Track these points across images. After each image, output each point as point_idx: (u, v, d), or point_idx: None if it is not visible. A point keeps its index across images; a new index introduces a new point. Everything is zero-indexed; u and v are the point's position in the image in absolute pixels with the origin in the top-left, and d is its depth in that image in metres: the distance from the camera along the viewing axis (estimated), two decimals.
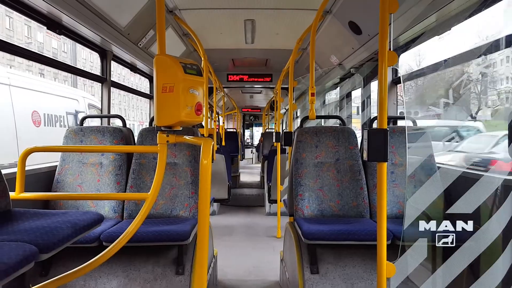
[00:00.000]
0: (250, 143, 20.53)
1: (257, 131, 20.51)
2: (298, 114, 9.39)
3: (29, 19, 2.60)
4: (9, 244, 1.18)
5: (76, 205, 2.80)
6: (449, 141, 3.15)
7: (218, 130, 8.27)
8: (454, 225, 1.68)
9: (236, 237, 5.11)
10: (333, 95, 6.66)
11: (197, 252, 1.43)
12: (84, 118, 3.20)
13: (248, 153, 17.88)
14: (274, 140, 6.41)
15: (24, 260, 1.11)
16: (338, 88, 5.79)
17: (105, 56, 3.56)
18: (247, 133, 20.96)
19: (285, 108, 11.43)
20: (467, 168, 2.21)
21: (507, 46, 1.96)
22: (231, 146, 9.83)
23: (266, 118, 14.03)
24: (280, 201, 5.05)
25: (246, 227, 5.63)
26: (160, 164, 1.67)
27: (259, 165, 11.84)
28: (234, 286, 3.47)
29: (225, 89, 8.06)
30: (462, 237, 1.71)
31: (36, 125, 5.13)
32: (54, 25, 2.72)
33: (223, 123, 8.87)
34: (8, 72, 5.14)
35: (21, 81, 5.05)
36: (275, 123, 7.96)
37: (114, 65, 3.76)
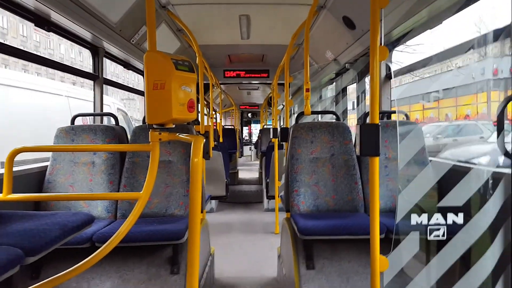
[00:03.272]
0: (248, 140, 20.51)
1: (255, 129, 20.47)
2: (296, 110, 9.39)
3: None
4: None
5: (68, 206, 2.77)
6: None
7: (216, 127, 8.25)
8: (445, 218, 1.68)
9: (234, 234, 5.11)
10: (329, 90, 6.65)
11: (189, 250, 1.42)
12: (75, 117, 3.16)
13: (246, 150, 17.87)
14: (271, 136, 6.40)
15: (9, 264, 1.09)
16: (334, 83, 5.79)
17: (97, 53, 3.52)
18: (245, 130, 20.93)
19: (282, 104, 11.41)
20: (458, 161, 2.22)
21: None
22: (229, 143, 9.82)
23: (264, 114, 14.01)
24: (278, 197, 5.05)
25: (244, 223, 5.63)
26: (153, 163, 1.66)
27: (258, 162, 11.84)
28: (232, 283, 3.47)
29: (222, 86, 8.03)
30: (453, 229, 1.72)
31: None
32: (43, 22, 2.66)
33: (221, 120, 8.85)
34: (67, 87, 6.73)
35: (74, 92, 6.54)
36: (273, 120, 7.96)
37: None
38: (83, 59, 39.26)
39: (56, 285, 1.49)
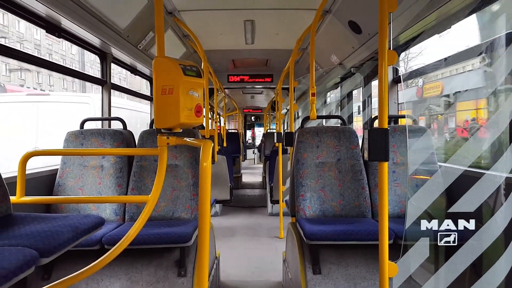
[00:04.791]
0: (252, 144, 20.52)
1: (259, 132, 20.49)
2: (300, 114, 9.39)
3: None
4: (9, 249, 1.18)
5: (78, 208, 2.80)
6: None
7: (220, 131, 8.27)
8: (456, 224, 1.67)
9: (238, 238, 5.11)
10: (334, 95, 6.64)
11: (198, 254, 1.43)
12: (84, 121, 3.20)
13: (250, 153, 17.88)
14: (275, 141, 6.39)
15: (25, 265, 1.11)
16: (339, 87, 5.78)
17: (105, 58, 3.56)
18: (249, 133, 20.96)
19: (286, 108, 11.42)
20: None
21: None
22: (232, 147, 9.83)
23: (267, 118, 14.01)
24: (282, 201, 5.04)
25: (249, 228, 5.63)
26: (161, 167, 1.67)
27: (261, 165, 11.85)
28: (237, 287, 3.47)
29: (226, 90, 8.06)
30: (464, 235, 1.71)
31: None
32: (54, 29, 2.72)
33: (224, 124, 8.88)
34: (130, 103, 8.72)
35: (137, 107, 8.32)
36: (276, 124, 7.96)
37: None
38: (51, 43, 33.94)
39: (67, 286, 1.50)
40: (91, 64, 36.40)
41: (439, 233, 1.68)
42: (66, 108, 6.07)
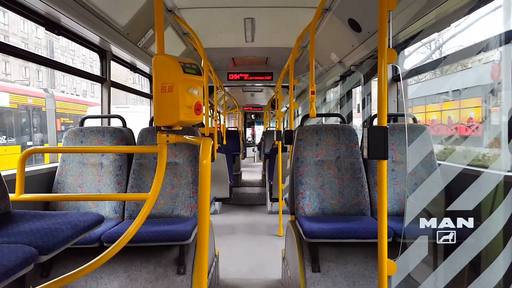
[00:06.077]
0: (251, 141, 20.53)
1: (259, 129, 20.51)
2: (299, 112, 9.39)
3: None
4: (8, 246, 1.18)
5: (77, 206, 2.80)
6: None
7: (219, 129, 8.27)
8: (455, 222, 1.68)
9: (238, 236, 5.12)
10: (333, 93, 6.64)
11: (198, 252, 1.43)
12: (84, 119, 3.20)
13: (249, 151, 17.90)
14: (275, 139, 6.40)
15: (24, 262, 1.11)
16: (339, 86, 5.78)
17: (105, 56, 3.55)
18: (249, 131, 20.97)
19: (286, 106, 11.42)
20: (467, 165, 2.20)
21: None
22: (232, 145, 9.84)
23: (267, 116, 14.02)
24: (282, 199, 5.05)
25: (248, 226, 5.64)
26: (160, 164, 1.67)
27: (261, 163, 11.86)
28: (236, 285, 3.47)
29: (226, 88, 8.06)
30: (463, 234, 1.71)
31: None
32: (53, 26, 2.71)
33: (224, 122, 8.89)
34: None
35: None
36: (276, 122, 7.96)
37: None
38: (8, 23, 27.14)
39: (66, 283, 1.51)
40: (63, 51, 32.18)
41: (437, 231, 1.69)
42: (139, 116, 8.05)
